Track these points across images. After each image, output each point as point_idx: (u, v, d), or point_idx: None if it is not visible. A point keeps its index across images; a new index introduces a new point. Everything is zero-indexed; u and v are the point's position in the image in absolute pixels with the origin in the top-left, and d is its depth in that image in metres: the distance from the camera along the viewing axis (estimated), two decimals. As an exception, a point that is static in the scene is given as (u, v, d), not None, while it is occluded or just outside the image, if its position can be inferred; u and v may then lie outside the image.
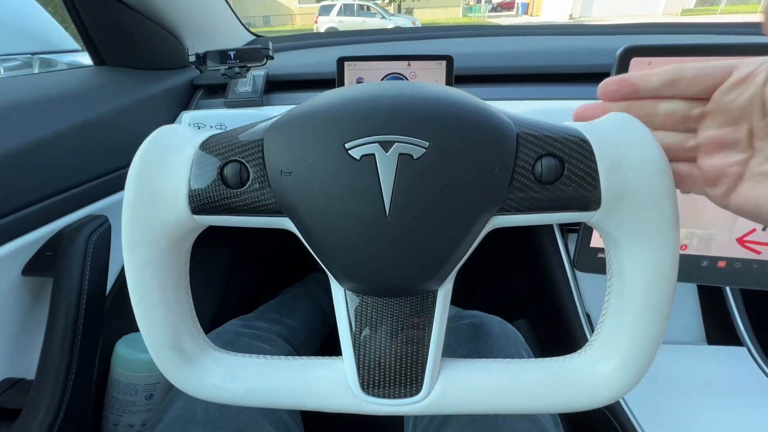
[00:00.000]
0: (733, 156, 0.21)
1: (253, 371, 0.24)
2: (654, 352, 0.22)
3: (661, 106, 0.22)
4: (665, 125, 0.23)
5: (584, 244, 0.45)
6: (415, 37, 0.91)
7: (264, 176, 0.21)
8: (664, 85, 0.22)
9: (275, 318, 0.56)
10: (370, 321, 0.23)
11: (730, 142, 0.21)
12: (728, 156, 0.21)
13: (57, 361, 0.37)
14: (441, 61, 0.54)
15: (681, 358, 0.50)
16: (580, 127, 0.21)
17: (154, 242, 0.21)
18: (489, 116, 0.20)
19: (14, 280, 0.39)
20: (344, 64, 0.55)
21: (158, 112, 0.59)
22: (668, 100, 0.22)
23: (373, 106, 0.20)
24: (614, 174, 0.20)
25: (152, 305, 0.22)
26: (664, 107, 0.22)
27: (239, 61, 0.58)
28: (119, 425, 0.47)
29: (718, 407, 0.44)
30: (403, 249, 0.20)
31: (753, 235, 0.42)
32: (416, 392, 0.23)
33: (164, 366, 0.24)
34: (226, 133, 0.22)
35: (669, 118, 0.22)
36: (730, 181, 0.21)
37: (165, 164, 0.21)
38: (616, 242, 0.21)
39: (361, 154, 0.20)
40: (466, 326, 0.44)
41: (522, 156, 0.20)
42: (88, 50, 0.63)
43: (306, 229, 0.21)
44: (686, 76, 0.21)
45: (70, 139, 0.45)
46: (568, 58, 0.62)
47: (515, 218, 0.21)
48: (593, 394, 0.23)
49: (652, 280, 0.20)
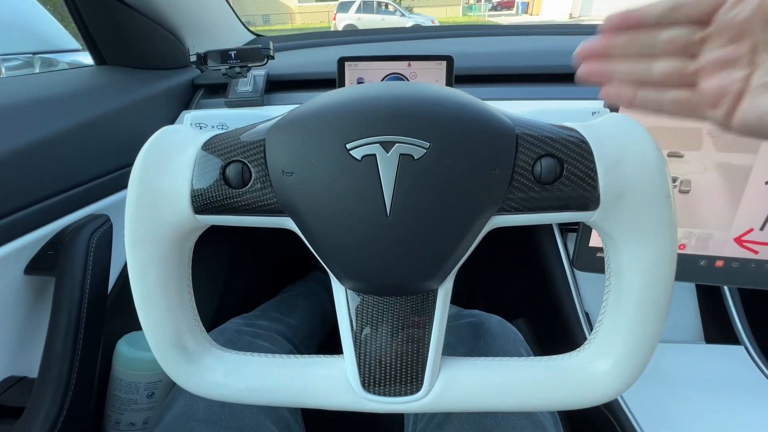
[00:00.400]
0: (735, 73, 0.21)
1: (255, 369, 0.24)
2: (652, 350, 0.22)
3: (664, 34, 0.23)
4: (666, 53, 0.23)
5: (583, 243, 0.45)
6: (415, 37, 0.91)
7: (266, 176, 0.21)
8: (667, 11, 0.22)
9: (276, 316, 0.56)
10: (371, 320, 0.23)
11: (732, 60, 0.21)
12: (729, 74, 0.21)
13: (59, 360, 0.37)
14: (441, 61, 0.54)
15: (679, 357, 0.50)
16: (579, 128, 0.21)
17: (157, 241, 0.22)
18: (489, 117, 0.21)
19: (16, 279, 0.39)
20: (345, 64, 0.55)
21: (159, 112, 0.59)
22: (670, 27, 0.23)
23: (374, 107, 0.20)
24: (613, 174, 0.20)
25: (155, 304, 0.22)
26: (667, 34, 0.23)
27: (240, 61, 0.58)
28: (121, 423, 0.47)
29: (715, 405, 0.44)
30: (404, 248, 0.20)
31: (750, 235, 0.43)
32: (417, 390, 0.23)
33: (167, 364, 0.24)
34: (228, 134, 0.22)
35: (671, 45, 0.23)
36: (732, 98, 0.21)
37: (167, 164, 0.21)
38: (615, 241, 0.21)
39: (363, 154, 0.20)
40: (466, 325, 0.44)
41: (521, 156, 0.20)
42: (89, 50, 0.63)
43: (307, 229, 0.21)
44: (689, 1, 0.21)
45: (71, 138, 0.45)
46: (569, 58, 0.62)
47: (515, 218, 0.21)
48: (592, 392, 0.23)
49: (650, 279, 0.21)
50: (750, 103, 0.21)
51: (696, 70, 0.22)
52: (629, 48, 0.24)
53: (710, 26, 0.21)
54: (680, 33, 0.22)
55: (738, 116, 0.21)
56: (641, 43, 0.23)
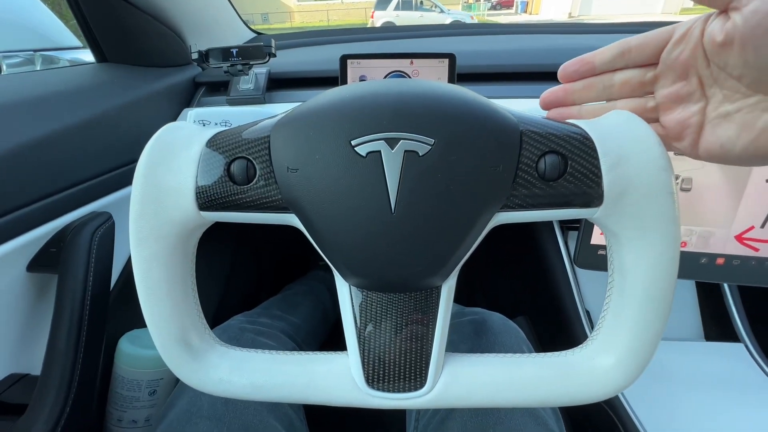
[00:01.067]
0: (690, 107, 0.23)
1: (259, 366, 0.24)
2: (654, 347, 0.22)
3: (617, 77, 0.25)
4: (623, 93, 0.25)
5: (585, 241, 0.45)
6: (417, 35, 0.91)
7: (270, 173, 0.21)
8: (616, 57, 0.24)
9: (278, 314, 0.56)
10: (375, 316, 0.23)
11: (684, 95, 0.23)
12: (686, 108, 0.23)
13: (62, 357, 0.37)
14: (444, 59, 0.54)
15: (679, 354, 0.50)
16: (583, 125, 0.21)
17: (162, 238, 0.22)
18: (493, 114, 0.21)
19: (19, 276, 0.39)
20: (347, 61, 0.55)
21: (161, 110, 0.59)
22: (622, 70, 0.24)
23: (378, 104, 0.20)
24: (616, 171, 0.20)
25: (159, 301, 0.23)
26: (619, 77, 0.25)
27: (242, 59, 0.58)
28: (123, 421, 0.47)
29: (715, 403, 0.44)
30: (408, 245, 0.21)
31: (751, 233, 0.43)
32: (420, 386, 0.23)
33: (171, 360, 0.24)
34: (232, 130, 0.22)
35: (626, 86, 0.25)
36: (693, 131, 0.23)
37: (172, 161, 0.21)
38: (618, 238, 0.21)
39: (367, 151, 0.20)
40: (468, 323, 0.44)
41: (526, 153, 0.20)
42: (90, 47, 0.63)
43: (312, 226, 0.21)
44: (633, 45, 0.23)
45: (73, 136, 0.45)
46: (570, 57, 0.62)
47: (518, 215, 0.21)
48: (594, 388, 0.23)
49: (653, 276, 0.21)
50: (711, 134, 0.22)
51: (655, 106, 0.24)
52: (588, 93, 0.25)
53: (659, 66, 0.23)
54: (632, 74, 0.24)
55: (702, 146, 0.23)
56: (598, 87, 0.25)
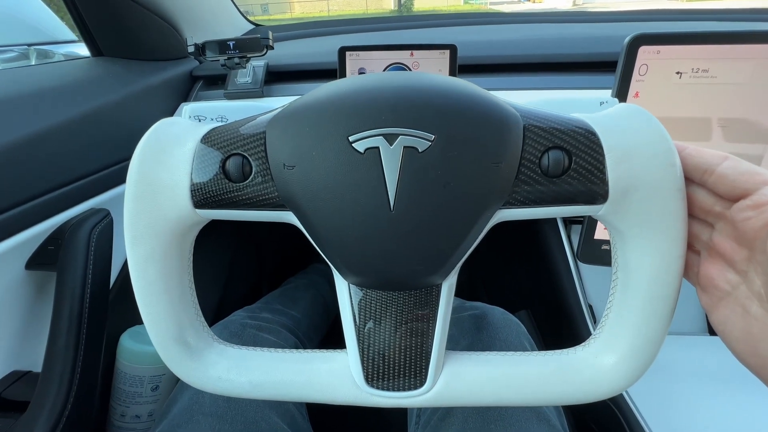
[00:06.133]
0: (728, 273, 0.20)
1: (258, 364, 0.24)
2: (658, 345, 0.22)
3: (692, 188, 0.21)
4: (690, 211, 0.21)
5: (588, 236, 0.45)
6: (417, 26, 0.90)
7: (267, 170, 0.20)
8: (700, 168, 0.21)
9: (279, 309, 0.56)
10: (374, 314, 0.23)
11: (729, 258, 0.20)
12: (724, 271, 0.21)
13: (63, 354, 0.37)
14: (444, 50, 0.53)
15: (682, 349, 0.50)
16: (588, 119, 0.21)
17: (157, 236, 0.21)
18: (495, 108, 0.20)
19: (18, 274, 0.39)
20: (346, 54, 0.54)
21: (158, 104, 0.59)
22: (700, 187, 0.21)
23: (377, 99, 0.20)
24: (622, 167, 0.19)
25: (156, 299, 0.22)
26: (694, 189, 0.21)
27: (239, 51, 0.57)
28: (126, 416, 0.48)
29: (719, 397, 0.44)
30: (408, 243, 0.20)
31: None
32: (420, 385, 0.23)
33: (169, 359, 0.24)
34: (228, 126, 0.22)
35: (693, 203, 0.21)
36: (719, 295, 0.21)
37: (166, 157, 0.21)
38: (623, 236, 0.21)
39: (365, 147, 0.19)
40: (468, 317, 0.44)
41: (528, 149, 0.20)
42: (85, 41, 0.62)
43: (309, 224, 0.21)
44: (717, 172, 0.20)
45: (69, 131, 0.45)
46: (575, 47, 0.61)
47: (521, 212, 0.21)
48: (597, 387, 0.23)
49: (658, 274, 0.20)
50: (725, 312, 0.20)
51: (707, 241, 0.21)
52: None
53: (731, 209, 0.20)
54: (705, 197, 0.21)
55: (714, 315, 0.21)
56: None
